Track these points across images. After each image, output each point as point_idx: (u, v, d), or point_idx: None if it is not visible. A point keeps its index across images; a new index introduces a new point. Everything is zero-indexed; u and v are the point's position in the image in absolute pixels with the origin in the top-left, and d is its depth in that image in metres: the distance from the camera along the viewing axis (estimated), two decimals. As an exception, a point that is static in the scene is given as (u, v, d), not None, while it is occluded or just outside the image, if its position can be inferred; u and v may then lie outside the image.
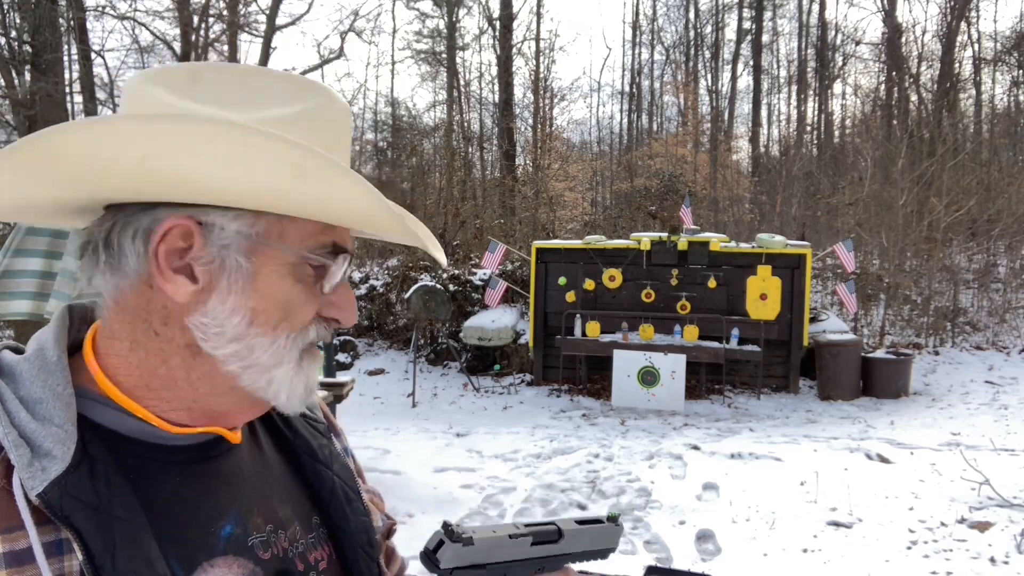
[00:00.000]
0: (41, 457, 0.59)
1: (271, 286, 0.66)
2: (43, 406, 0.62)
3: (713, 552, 3.95)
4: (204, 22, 17.76)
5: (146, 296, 0.65)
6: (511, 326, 9.48)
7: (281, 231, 0.66)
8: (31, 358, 0.66)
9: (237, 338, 0.65)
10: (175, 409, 0.68)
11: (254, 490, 0.75)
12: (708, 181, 18.36)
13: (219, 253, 0.64)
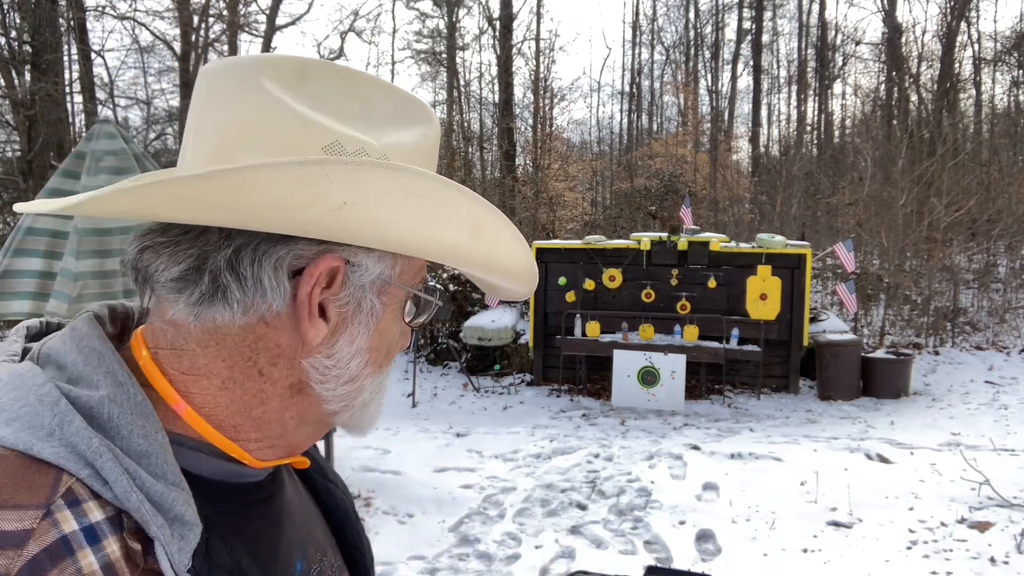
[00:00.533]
0: (176, 524, 0.52)
1: (388, 325, 0.64)
2: (150, 460, 0.53)
3: (713, 552, 3.95)
4: (204, 22, 17.76)
5: (256, 333, 0.58)
6: (511, 326, 9.49)
7: (403, 268, 0.63)
8: (116, 398, 0.54)
9: (352, 379, 0.62)
10: (261, 448, 0.62)
11: (302, 519, 0.71)
12: (708, 181, 18.36)
13: (355, 294, 0.60)
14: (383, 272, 0.61)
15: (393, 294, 0.63)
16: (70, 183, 4.03)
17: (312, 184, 0.51)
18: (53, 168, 9.23)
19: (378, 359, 0.64)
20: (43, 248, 3.92)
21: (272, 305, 0.57)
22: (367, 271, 0.60)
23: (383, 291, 0.62)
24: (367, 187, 0.53)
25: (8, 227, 12.78)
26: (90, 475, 0.49)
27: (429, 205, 0.56)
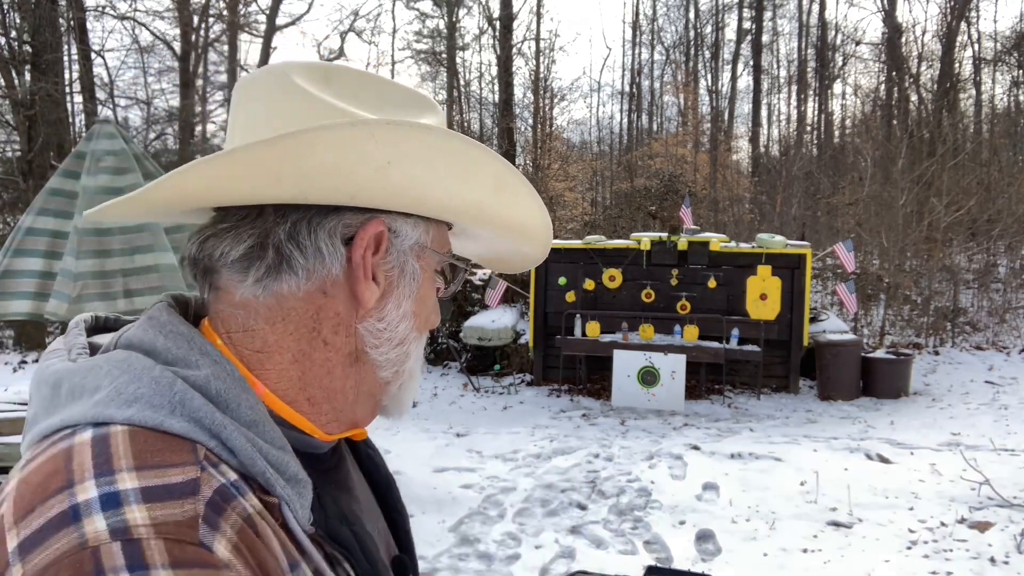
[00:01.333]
0: (291, 483, 0.56)
1: (427, 291, 0.69)
2: (259, 429, 0.57)
3: (713, 552, 3.95)
4: (204, 22, 17.77)
5: (317, 304, 0.63)
6: (511, 326, 9.48)
7: (434, 236, 0.69)
8: (219, 375, 0.58)
9: (402, 342, 0.67)
10: (330, 422, 0.66)
11: (361, 489, 0.75)
12: (708, 181, 18.35)
13: (399, 259, 0.66)
14: (419, 237, 0.67)
15: (428, 260, 0.68)
16: (70, 183, 4.03)
17: (361, 144, 0.57)
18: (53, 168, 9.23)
19: (420, 325, 0.69)
20: (43, 248, 3.92)
21: (331, 269, 0.62)
22: (407, 236, 0.66)
23: (421, 256, 0.67)
24: (406, 147, 0.58)
25: (8, 227, 12.78)
26: (217, 446, 0.54)
27: (459, 162, 0.62)
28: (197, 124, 18.52)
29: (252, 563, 0.50)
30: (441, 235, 0.70)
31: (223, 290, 0.63)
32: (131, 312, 3.85)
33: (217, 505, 0.50)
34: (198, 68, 18.31)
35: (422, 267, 0.67)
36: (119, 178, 3.97)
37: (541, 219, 0.71)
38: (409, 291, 0.66)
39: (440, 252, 0.69)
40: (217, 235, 0.62)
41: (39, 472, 0.50)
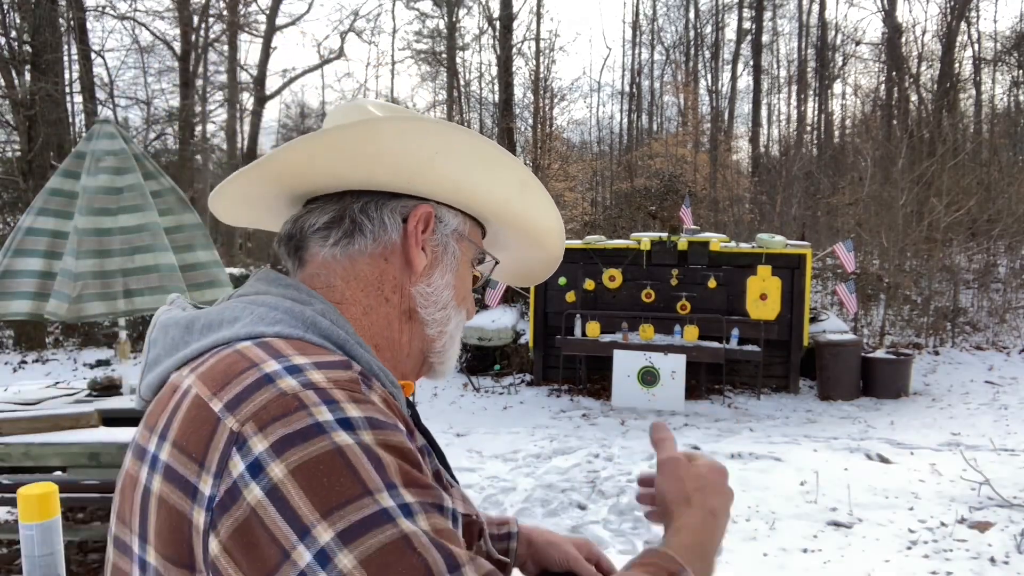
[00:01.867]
0: (393, 387, 0.73)
1: (464, 272, 0.88)
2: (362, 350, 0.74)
3: (713, 552, 3.95)
4: (204, 22, 17.76)
5: (380, 268, 0.81)
6: (511, 326, 9.48)
7: (470, 232, 0.88)
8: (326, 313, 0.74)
9: (444, 306, 0.85)
10: (393, 368, 0.83)
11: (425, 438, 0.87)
12: (708, 181, 18.35)
13: (442, 240, 0.85)
14: (459, 226, 0.86)
15: (466, 247, 0.87)
16: (70, 183, 4.03)
17: (416, 134, 0.76)
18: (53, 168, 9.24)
19: (460, 296, 0.87)
20: (43, 248, 3.91)
21: (391, 236, 0.81)
22: (449, 223, 0.85)
23: (460, 241, 0.86)
24: (452, 142, 0.77)
25: (8, 227, 12.78)
26: (344, 355, 0.70)
27: (492, 162, 0.81)
28: (197, 124, 18.51)
29: (394, 411, 0.67)
30: (476, 233, 0.90)
31: (308, 260, 0.81)
32: (131, 312, 3.84)
33: (365, 377, 0.67)
34: (198, 68, 18.30)
35: (461, 251, 0.86)
36: (119, 178, 3.97)
37: (557, 222, 0.93)
38: (450, 266, 0.85)
39: (476, 243, 0.89)
40: (306, 214, 0.82)
41: (217, 367, 0.65)
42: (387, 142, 0.75)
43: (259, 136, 21.09)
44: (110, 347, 11.48)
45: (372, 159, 0.76)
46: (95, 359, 10.78)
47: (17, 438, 3.32)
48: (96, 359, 10.77)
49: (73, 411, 3.53)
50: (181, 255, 4.09)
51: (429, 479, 0.63)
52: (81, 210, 3.86)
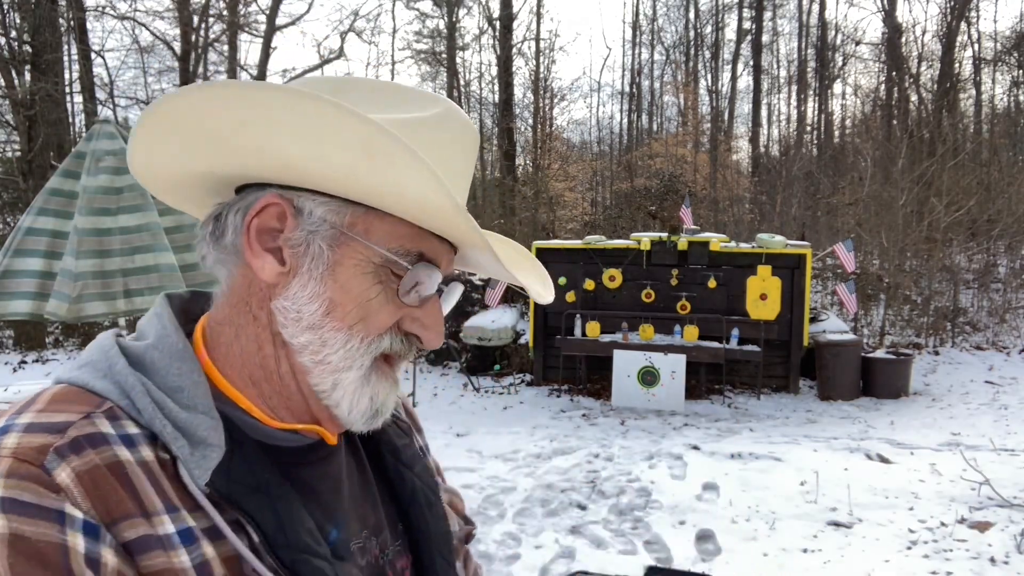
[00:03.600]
0: (200, 447, 0.60)
1: (350, 280, 0.65)
2: (184, 394, 0.62)
3: (713, 552, 3.95)
4: (204, 22, 17.77)
5: (248, 278, 0.67)
6: (511, 326, 9.48)
7: (368, 227, 0.66)
8: (158, 346, 0.65)
9: (312, 327, 0.65)
10: (276, 407, 0.68)
11: (352, 494, 0.74)
12: (708, 181, 18.35)
13: (306, 238, 0.65)
14: (328, 216, 0.65)
15: (353, 248, 0.65)
16: (70, 183, 4.03)
17: (225, 101, 0.59)
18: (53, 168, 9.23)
19: (346, 316, 0.65)
20: (43, 248, 3.91)
21: (232, 240, 0.66)
22: (311, 215, 0.65)
23: (338, 241, 0.65)
24: (261, 104, 0.58)
25: (8, 227, 12.78)
26: (128, 405, 0.60)
27: (314, 124, 0.58)
28: (197, 124, 18.49)
29: (93, 496, 0.55)
30: (390, 229, 0.66)
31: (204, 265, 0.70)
32: (131, 312, 3.84)
33: (78, 444, 0.56)
34: (198, 68, 18.31)
35: (341, 253, 0.65)
36: (119, 178, 3.97)
37: (436, 194, 0.60)
38: (316, 273, 0.65)
39: (380, 245, 0.65)
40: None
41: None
42: (203, 110, 0.59)
43: (259, 136, 21.06)
44: (110, 347, 11.46)
45: (195, 132, 0.62)
46: (95, 359, 10.78)
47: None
48: (96, 359, 10.77)
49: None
50: (181, 255, 4.09)
51: None
52: (81, 210, 3.86)
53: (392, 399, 0.69)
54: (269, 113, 0.58)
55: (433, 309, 0.69)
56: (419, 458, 0.83)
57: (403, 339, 0.68)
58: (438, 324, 0.69)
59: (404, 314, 0.67)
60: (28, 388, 4.18)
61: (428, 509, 0.79)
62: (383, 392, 0.68)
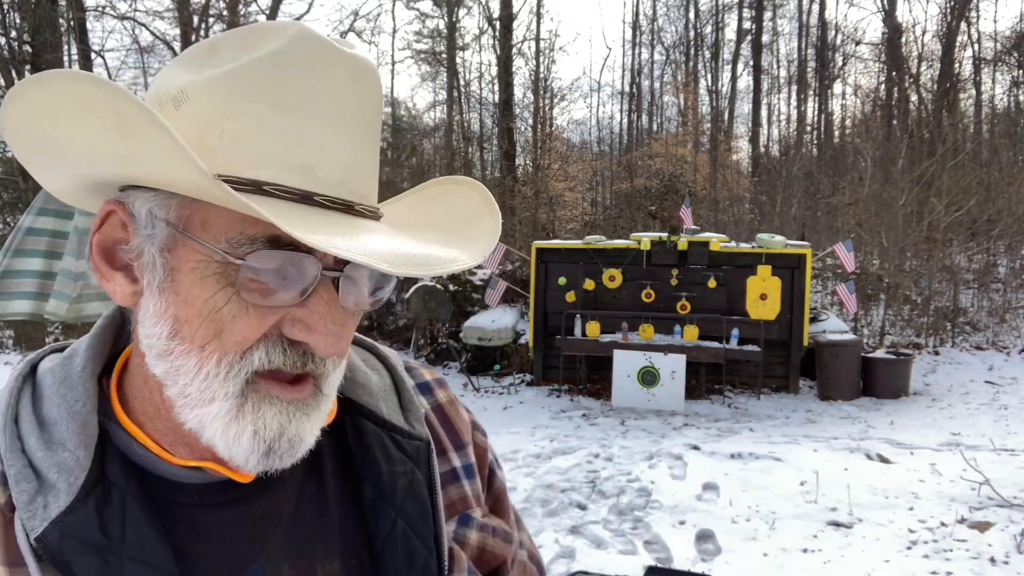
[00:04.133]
0: (46, 491, 0.52)
1: (191, 288, 0.52)
2: (58, 427, 0.55)
3: (713, 552, 3.95)
4: (204, 22, 17.77)
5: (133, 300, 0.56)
6: (511, 326, 9.48)
7: (204, 217, 0.52)
8: (56, 369, 0.58)
9: (162, 354, 0.53)
10: (173, 443, 0.58)
11: (289, 541, 0.61)
12: (708, 181, 18.35)
13: (141, 245, 0.54)
14: (155, 211, 0.53)
15: (189, 249, 0.52)
16: (70, 183, 4.03)
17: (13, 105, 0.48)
18: (53, 168, 9.21)
19: (194, 335, 0.52)
20: (43, 248, 3.92)
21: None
22: (141, 216, 0.53)
23: (174, 244, 0.53)
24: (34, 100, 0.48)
25: (8, 227, 12.79)
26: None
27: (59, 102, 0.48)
28: (197, 124, 18.51)
29: None
30: (227, 216, 0.51)
31: None
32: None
33: None
34: (198, 68, 18.29)
35: (176, 256, 0.53)
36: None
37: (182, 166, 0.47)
38: (153, 286, 0.53)
39: (202, 237, 0.52)
40: None
41: None
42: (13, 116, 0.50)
43: (259, 136, 21.07)
44: (110, 347, 11.46)
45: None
46: (95, 359, 10.79)
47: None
48: (96, 359, 10.78)
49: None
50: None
51: None
52: (81, 210, 3.86)
53: (299, 428, 0.55)
54: (39, 103, 0.48)
55: (317, 304, 0.53)
56: (413, 490, 0.64)
57: (285, 349, 0.54)
58: (326, 322, 0.53)
59: (281, 317, 0.53)
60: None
61: (406, 560, 0.62)
62: (272, 421, 0.54)
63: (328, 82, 0.53)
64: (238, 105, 0.51)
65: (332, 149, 0.53)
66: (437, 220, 0.64)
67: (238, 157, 0.51)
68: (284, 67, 0.52)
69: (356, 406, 0.67)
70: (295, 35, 0.53)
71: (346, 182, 0.54)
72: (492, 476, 0.78)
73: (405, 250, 0.53)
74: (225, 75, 0.52)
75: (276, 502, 0.61)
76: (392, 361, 0.74)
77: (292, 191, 0.51)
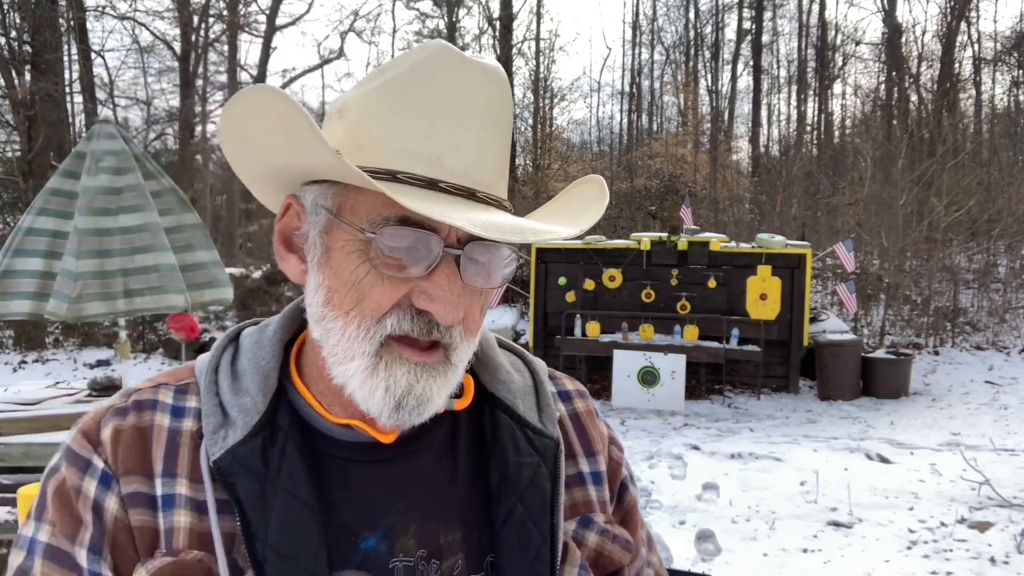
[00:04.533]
0: (227, 426, 0.64)
1: (340, 263, 0.63)
2: (245, 378, 0.67)
3: (713, 552, 3.95)
4: (204, 22, 17.77)
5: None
6: (511, 326, 9.48)
7: (353, 204, 0.63)
8: (254, 333, 0.72)
9: (319, 319, 0.65)
10: (330, 403, 0.69)
11: (418, 506, 0.67)
12: (708, 181, 18.35)
13: (308, 229, 0.66)
14: (317, 200, 0.65)
15: (342, 230, 0.63)
16: (70, 183, 4.03)
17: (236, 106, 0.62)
18: (53, 168, 9.23)
19: (342, 302, 0.63)
20: (43, 248, 3.91)
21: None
22: (308, 205, 0.66)
23: (331, 227, 0.64)
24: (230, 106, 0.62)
25: (8, 227, 12.78)
26: (200, 381, 0.69)
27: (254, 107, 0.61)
28: (197, 124, 18.52)
29: (118, 451, 0.64)
30: (371, 201, 0.62)
31: None
32: (131, 312, 3.84)
33: (128, 409, 0.67)
34: (198, 68, 18.31)
35: (331, 237, 0.64)
36: (119, 178, 3.97)
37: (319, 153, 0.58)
38: (314, 262, 0.65)
39: (350, 218, 0.62)
40: None
41: None
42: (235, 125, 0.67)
43: (259, 136, 21.04)
44: (110, 347, 11.47)
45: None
46: (95, 359, 10.78)
47: (17, 438, 3.32)
48: (96, 359, 10.77)
49: (73, 411, 3.53)
50: (181, 255, 4.08)
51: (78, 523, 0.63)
52: (81, 210, 3.86)
53: (426, 388, 0.63)
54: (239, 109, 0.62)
55: (440, 278, 0.62)
56: (537, 483, 0.69)
57: (414, 317, 0.62)
58: (445, 293, 0.61)
59: (411, 289, 0.62)
60: (28, 388, 4.18)
61: (520, 544, 0.67)
62: (402, 379, 0.62)
63: (457, 86, 0.63)
64: (381, 110, 0.63)
65: (458, 143, 0.63)
66: (562, 212, 0.74)
67: (379, 152, 0.62)
68: (419, 75, 0.63)
69: (496, 400, 0.74)
70: (434, 50, 0.64)
71: (470, 172, 0.63)
72: (624, 490, 0.83)
73: (502, 220, 0.61)
74: (375, 87, 0.64)
75: (412, 469, 0.69)
76: (536, 367, 0.82)
77: (420, 178, 0.61)
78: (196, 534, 0.62)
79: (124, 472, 0.63)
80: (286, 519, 0.61)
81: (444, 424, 0.72)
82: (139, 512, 0.62)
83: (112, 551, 0.62)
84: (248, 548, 0.60)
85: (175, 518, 0.62)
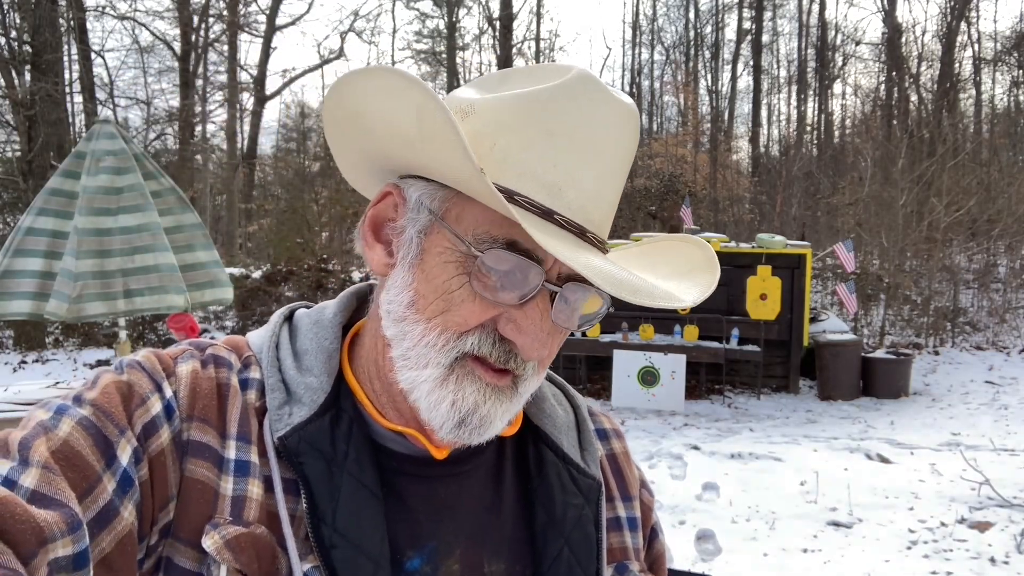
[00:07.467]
0: (292, 403, 0.62)
1: (434, 268, 0.60)
2: (308, 356, 0.66)
3: (713, 552, 3.95)
4: (204, 22, 17.78)
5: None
6: (511, 326, 9.48)
7: (460, 211, 0.60)
8: (312, 314, 0.71)
9: (398, 319, 0.62)
10: (384, 405, 0.66)
11: (464, 531, 0.66)
12: (708, 181, 18.35)
13: (404, 224, 0.63)
14: (423, 199, 0.62)
15: (442, 236, 0.61)
16: (70, 183, 4.03)
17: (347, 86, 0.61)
18: (53, 168, 9.23)
19: (426, 307, 0.60)
20: (43, 248, 3.92)
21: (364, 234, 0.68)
22: (411, 201, 0.63)
23: (430, 229, 0.62)
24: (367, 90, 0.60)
25: (8, 227, 12.78)
26: (260, 357, 0.67)
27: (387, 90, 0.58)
28: (197, 124, 18.52)
29: (191, 393, 0.62)
30: (479, 214, 0.59)
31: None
32: (131, 312, 3.84)
33: (208, 359, 0.65)
34: (198, 68, 18.31)
35: (430, 240, 0.61)
36: (119, 178, 3.97)
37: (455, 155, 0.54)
38: (406, 260, 0.62)
39: (456, 227, 0.59)
40: None
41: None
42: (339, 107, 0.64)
43: (259, 136, 21.12)
44: (110, 347, 11.47)
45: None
46: (95, 359, 10.78)
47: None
48: (96, 359, 10.77)
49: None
50: (181, 255, 4.09)
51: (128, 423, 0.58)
52: (81, 210, 3.86)
53: (491, 410, 0.61)
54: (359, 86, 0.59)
55: (532, 311, 0.59)
56: (582, 525, 0.69)
57: (495, 342, 0.60)
58: (535, 329, 0.59)
59: (499, 314, 0.60)
60: (28, 388, 4.18)
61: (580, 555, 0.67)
62: (470, 397, 0.60)
63: (593, 119, 0.60)
64: (513, 124, 0.59)
65: (581, 178, 0.60)
66: (658, 267, 0.72)
67: (501, 168, 0.58)
68: (559, 99, 0.59)
69: (541, 434, 0.72)
70: (577, 75, 0.61)
71: (586, 209, 0.60)
72: (654, 537, 0.81)
73: (621, 276, 0.60)
74: (509, 98, 0.60)
75: (459, 491, 0.67)
76: (578, 401, 0.80)
77: (538, 206, 0.58)
78: (264, 509, 0.59)
79: (195, 418, 0.60)
80: (354, 504, 0.59)
81: (491, 449, 0.70)
82: (203, 465, 0.59)
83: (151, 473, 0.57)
84: (313, 531, 0.58)
85: (249, 488, 0.59)
